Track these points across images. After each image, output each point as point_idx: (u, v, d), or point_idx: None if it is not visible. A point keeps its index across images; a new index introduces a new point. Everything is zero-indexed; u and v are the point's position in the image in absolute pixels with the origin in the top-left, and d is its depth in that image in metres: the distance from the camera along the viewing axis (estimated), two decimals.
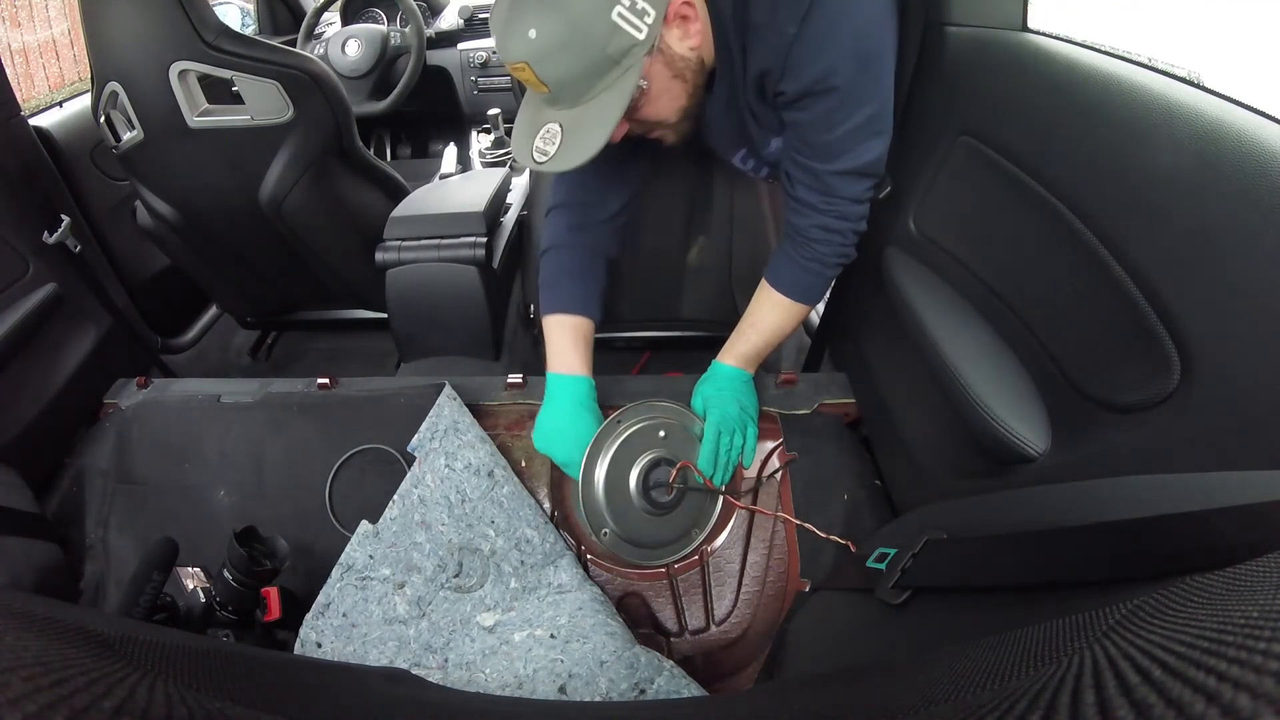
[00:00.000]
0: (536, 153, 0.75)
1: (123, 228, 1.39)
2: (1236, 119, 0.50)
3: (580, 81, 0.70)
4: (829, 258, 0.87)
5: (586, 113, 0.72)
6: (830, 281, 0.92)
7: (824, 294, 0.94)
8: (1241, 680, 0.18)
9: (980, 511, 0.62)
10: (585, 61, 0.69)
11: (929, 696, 0.34)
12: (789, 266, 0.89)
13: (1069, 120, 0.64)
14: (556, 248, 0.98)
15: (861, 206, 0.84)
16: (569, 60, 0.68)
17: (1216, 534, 0.35)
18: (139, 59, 1.06)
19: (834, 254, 0.86)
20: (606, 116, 0.72)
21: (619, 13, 0.67)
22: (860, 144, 0.78)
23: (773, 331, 0.94)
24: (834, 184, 0.81)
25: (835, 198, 0.82)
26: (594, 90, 0.71)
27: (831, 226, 0.84)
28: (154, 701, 0.26)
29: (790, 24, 0.70)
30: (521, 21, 0.67)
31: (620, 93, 0.71)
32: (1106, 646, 0.26)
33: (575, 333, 0.95)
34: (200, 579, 0.84)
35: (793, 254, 0.88)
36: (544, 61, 0.68)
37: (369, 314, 1.66)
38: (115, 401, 1.11)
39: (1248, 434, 0.49)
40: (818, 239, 0.85)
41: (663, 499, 0.91)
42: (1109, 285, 0.58)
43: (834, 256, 0.87)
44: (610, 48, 0.68)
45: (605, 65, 0.69)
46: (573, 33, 0.67)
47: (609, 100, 0.71)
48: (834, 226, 0.84)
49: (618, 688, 0.72)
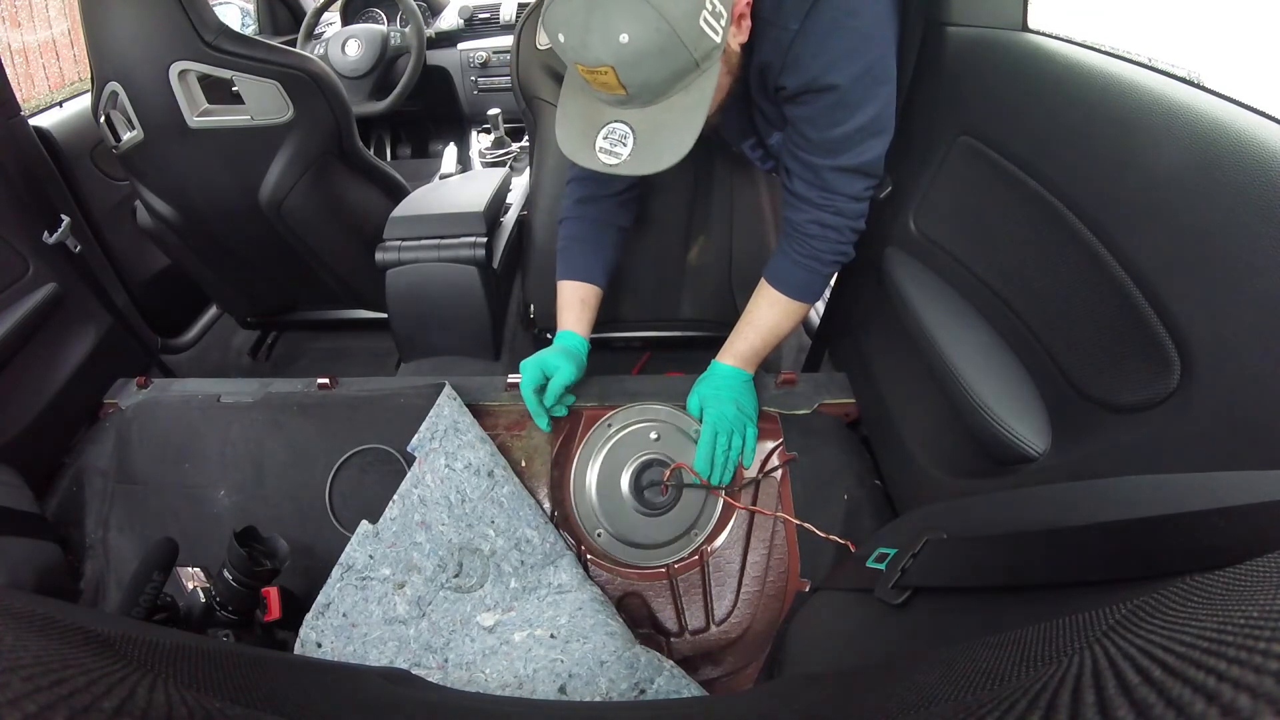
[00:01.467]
0: (604, 154, 0.74)
1: (123, 228, 1.39)
2: (1236, 119, 0.50)
3: (663, 83, 0.70)
4: (825, 254, 0.87)
5: (665, 113, 0.72)
6: (827, 280, 0.92)
7: (821, 292, 0.94)
8: (1241, 680, 0.18)
9: (980, 511, 0.62)
10: (674, 66, 0.68)
11: (929, 696, 0.34)
12: (785, 263, 0.90)
13: (1069, 120, 0.64)
14: (569, 219, 1.03)
15: (859, 205, 0.84)
16: (659, 65, 0.68)
17: (1216, 534, 0.35)
18: (139, 59, 1.06)
19: (830, 251, 0.86)
20: (692, 118, 0.72)
21: (704, 17, 0.67)
22: (860, 143, 0.78)
23: (770, 330, 0.94)
24: (832, 180, 0.81)
25: (832, 193, 0.82)
26: (672, 91, 0.71)
27: (827, 222, 0.84)
28: (154, 701, 0.26)
29: (793, 19, 0.72)
30: (610, 25, 0.65)
31: (702, 93, 0.71)
32: (1106, 646, 0.26)
33: (574, 296, 1.02)
34: (200, 579, 0.84)
35: (789, 250, 0.89)
36: (633, 66, 0.67)
37: (369, 314, 1.66)
38: (115, 401, 1.11)
39: (1248, 434, 0.49)
40: (814, 235, 0.86)
41: (657, 499, 0.93)
42: (1109, 285, 0.58)
43: (830, 254, 0.87)
44: (698, 51, 0.68)
45: (689, 68, 0.69)
46: (668, 38, 0.66)
47: (691, 101, 0.71)
48: (830, 222, 0.84)
49: (618, 688, 0.72)
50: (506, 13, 2.00)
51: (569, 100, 0.79)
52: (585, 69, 0.69)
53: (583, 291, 1.02)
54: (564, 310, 1.03)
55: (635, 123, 0.73)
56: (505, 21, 2.00)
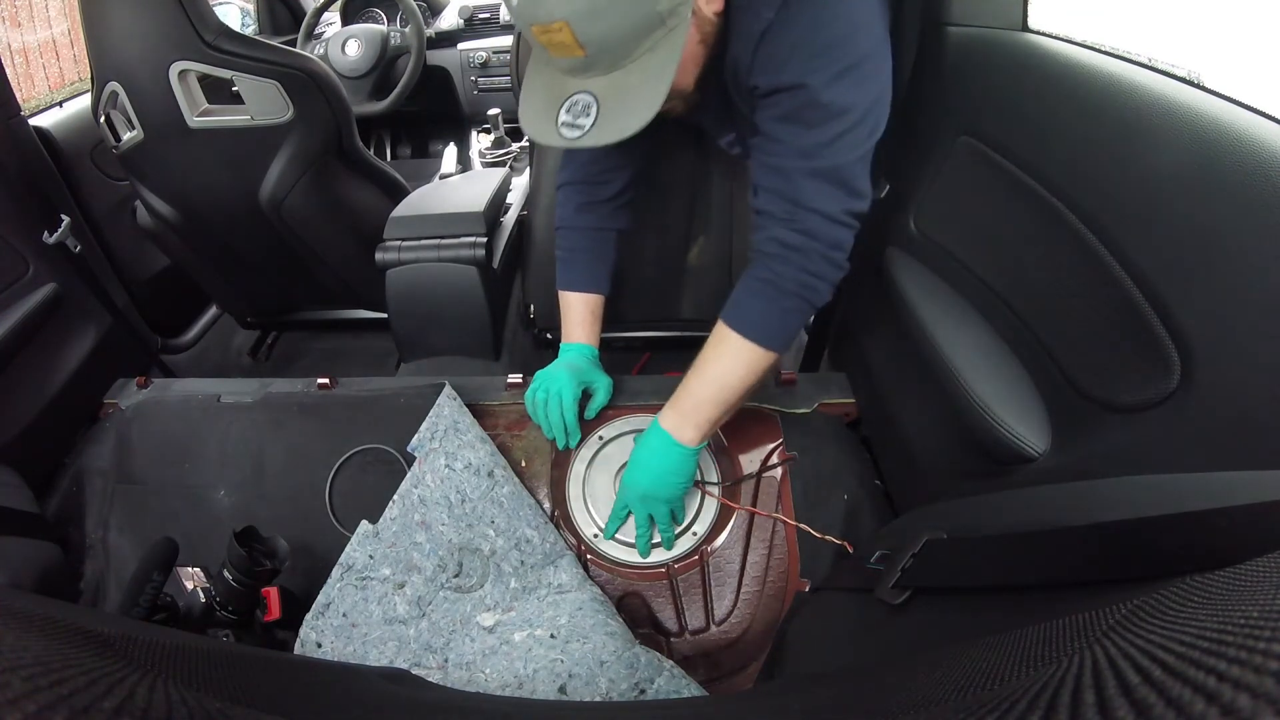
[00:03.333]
0: (565, 128, 0.68)
1: (123, 228, 1.39)
2: (1236, 119, 0.51)
3: (625, 42, 0.63)
4: (784, 280, 0.73)
5: (629, 77, 0.65)
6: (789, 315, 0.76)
7: (783, 334, 0.77)
8: (1241, 680, 0.18)
9: (980, 511, 0.62)
10: (635, 18, 0.62)
11: (929, 696, 0.34)
12: (740, 291, 0.77)
13: (1069, 120, 0.64)
14: (565, 228, 1.00)
15: (835, 229, 0.71)
16: (617, 16, 0.61)
17: (1216, 534, 0.35)
18: (139, 59, 1.07)
19: (790, 278, 0.72)
20: (657, 79, 0.64)
21: None
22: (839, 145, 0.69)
23: (715, 379, 0.79)
24: (803, 188, 0.70)
25: (801, 208, 0.70)
26: (636, 52, 0.64)
27: (789, 241, 0.71)
28: (154, 701, 0.26)
29: (768, 9, 0.65)
30: None
31: (670, 53, 0.64)
32: (1106, 646, 0.26)
33: (584, 307, 1.00)
34: (200, 579, 0.84)
35: (745, 277, 0.77)
36: (589, 19, 0.61)
37: (369, 314, 1.66)
38: (115, 401, 1.11)
39: (1248, 434, 0.49)
40: (772, 253, 0.73)
41: None
42: (1109, 285, 0.58)
43: (790, 281, 0.73)
44: (661, 3, 0.62)
45: (654, 23, 0.63)
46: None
47: (656, 61, 0.64)
48: (792, 241, 0.71)
49: (618, 688, 0.72)
50: (506, 13, 2.00)
51: (532, 76, 0.73)
52: (539, 28, 0.63)
53: (592, 302, 1.00)
54: (574, 322, 1.00)
55: (599, 91, 0.66)
56: (505, 21, 2.00)
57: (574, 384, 0.94)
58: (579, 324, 1.00)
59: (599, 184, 0.97)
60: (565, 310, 1.01)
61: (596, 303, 1.01)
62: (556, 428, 0.95)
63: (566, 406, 0.94)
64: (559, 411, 0.94)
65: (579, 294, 1.00)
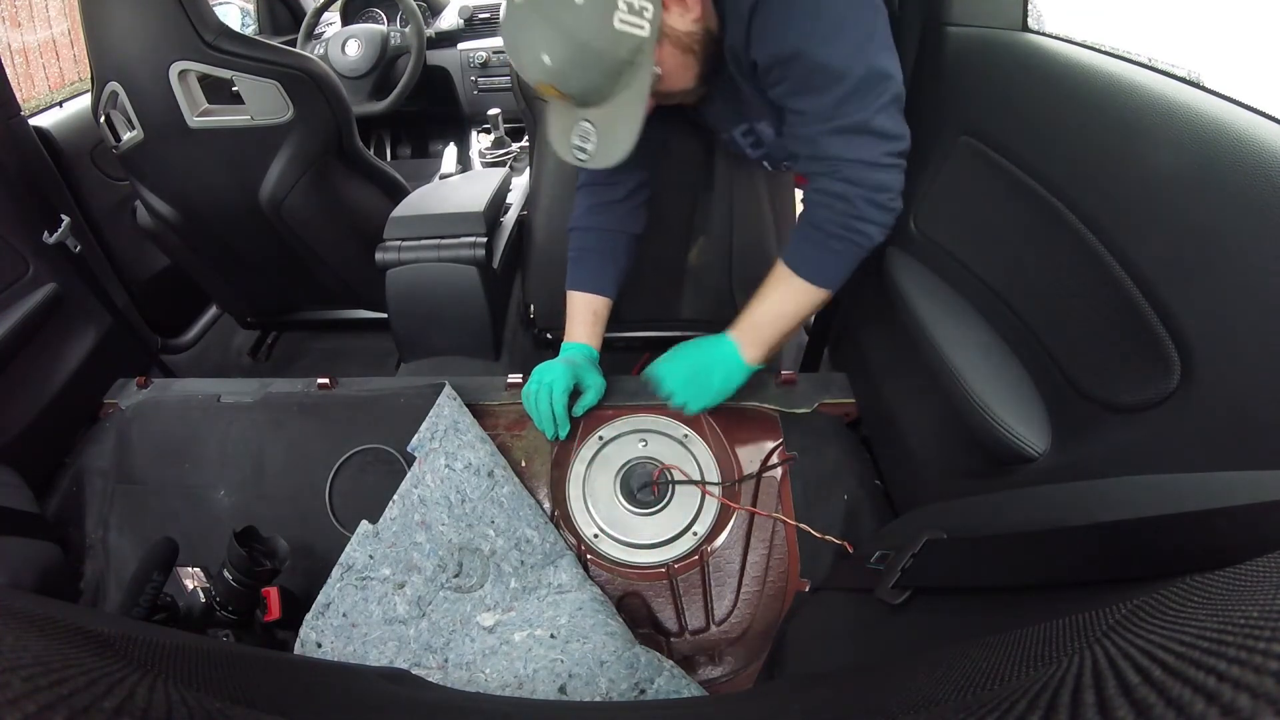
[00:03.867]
0: (577, 151, 0.80)
1: (123, 228, 1.39)
2: (1236, 119, 0.50)
3: (600, 88, 0.74)
4: (827, 224, 0.80)
5: (614, 110, 0.76)
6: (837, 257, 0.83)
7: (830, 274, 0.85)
8: (1241, 680, 0.18)
9: (980, 511, 0.62)
10: (600, 71, 0.72)
11: (929, 696, 0.34)
12: (794, 233, 0.86)
13: (1069, 120, 0.64)
14: (578, 229, 1.04)
15: (875, 172, 0.76)
16: (585, 75, 0.72)
17: (1216, 534, 0.35)
18: (139, 59, 1.07)
19: (832, 221, 0.79)
20: (631, 115, 0.76)
21: (620, 19, 0.70)
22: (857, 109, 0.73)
23: (772, 302, 0.89)
24: (830, 145, 0.76)
25: (833, 160, 0.77)
26: (615, 90, 0.75)
27: (830, 189, 0.78)
28: (154, 701, 0.26)
29: None
30: (531, 47, 0.71)
31: (639, 89, 0.74)
32: (1106, 646, 0.26)
33: (587, 308, 1.03)
34: (200, 579, 0.84)
35: (799, 220, 0.86)
36: (563, 80, 0.73)
37: (369, 314, 1.66)
38: (115, 401, 1.11)
39: (1248, 434, 0.49)
40: (815, 202, 0.81)
41: (648, 498, 0.94)
42: (1109, 285, 0.58)
43: (833, 224, 0.80)
44: (621, 52, 0.71)
45: (620, 67, 0.73)
46: (582, 51, 0.70)
47: (630, 97, 0.75)
48: (833, 189, 0.78)
49: (618, 688, 0.72)
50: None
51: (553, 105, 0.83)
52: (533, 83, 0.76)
53: (595, 303, 1.03)
54: (576, 322, 1.03)
55: (595, 120, 0.78)
56: None
57: (566, 378, 0.96)
58: (581, 324, 1.03)
59: (610, 185, 1.00)
60: (570, 309, 1.04)
61: (601, 304, 1.03)
62: (545, 418, 0.96)
63: (556, 398, 0.95)
64: (548, 402, 0.95)
65: (584, 294, 1.03)
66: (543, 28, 0.70)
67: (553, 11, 0.69)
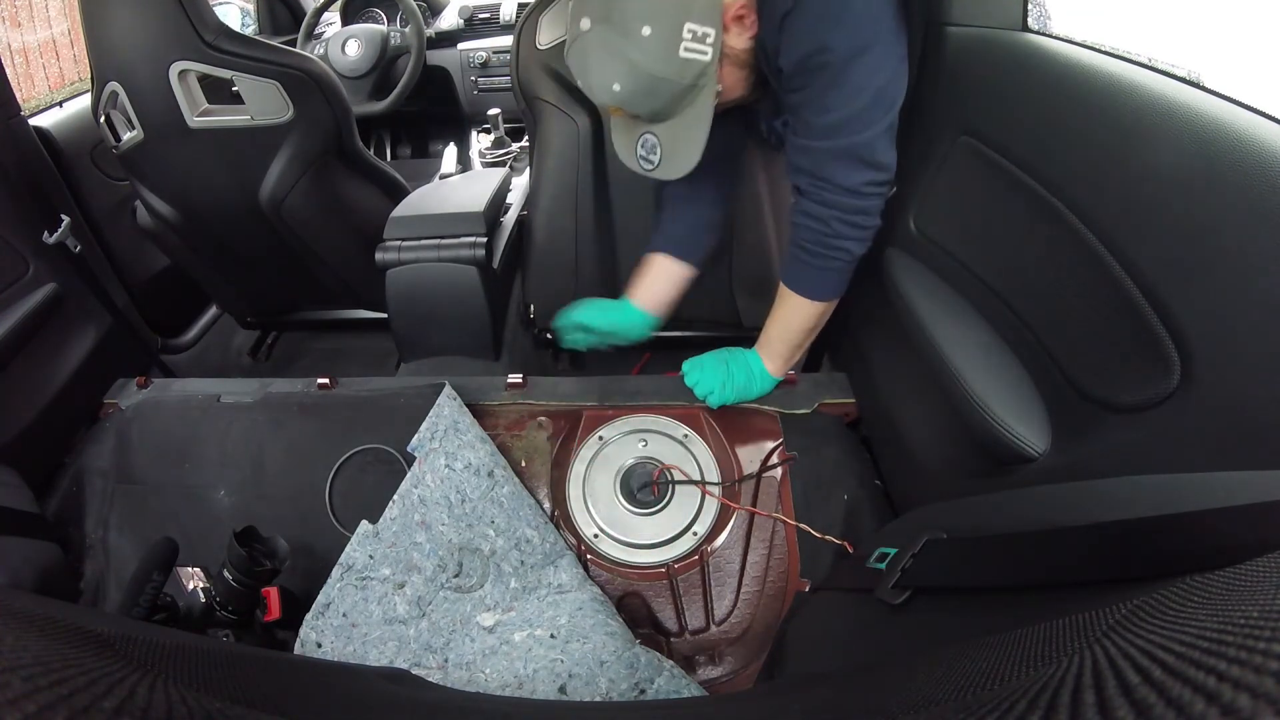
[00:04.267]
0: (642, 160, 0.86)
1: (123, 228, 1.39)
2: (1236, 119, 0.50)
3: (666, 108, 0.79)
4: (808, 244, 0.85)
5: (677, 127, 0.81)
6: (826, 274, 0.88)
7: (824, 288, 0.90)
8: (1241, 680, 0.18)
9: (980, 511, 0.62)
10: (667, 96, 0.77)
11: (929, 696, 0.34)
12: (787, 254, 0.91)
13: (1069, 120, 0.64)
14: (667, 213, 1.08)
15: (855, 199, 0.80)
16: (652, 100, 0.77)
17: (1216, 534, 0.35)
18: (139, 59, 1.06)
19: (813, 240, 0.84)
20: (696, 134, 0.80)
21: (685, 48, 0.73)
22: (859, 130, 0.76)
23: (778, 319, 0.96)
24: (826, 165, 0.79)
25: (823, 180, 0.80)
26: (679, 110, 0.79)
27: (812, 213, 0.83)
28: (154, 701, 0.26)
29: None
30: (600, 75, 0.76)
31: (703, 108, 0.79)
32: (1106, 646, 0.26)
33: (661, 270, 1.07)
34: (200, 579, 0.84)
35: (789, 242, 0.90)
36: (631, 104, 0.78)
37: (369, 314, 1.66)
38: (115, 401, 1.11)
39: (1248, 434, 0.49)
40: (798, 223, 0.86)
41: (648, 498, 0.94)
42: (1109, 285, 0.58)
43: (812, 243, 0.85)
44: (686, 78, 0.75)
45: (685, 91, 0.77)
46: (650, 80, 0.75)
47: (695, 115, 0.79)
48: (812, 211, 0.83)
49: (618, 688, 0.72)
50: (506, 13, 2.00)
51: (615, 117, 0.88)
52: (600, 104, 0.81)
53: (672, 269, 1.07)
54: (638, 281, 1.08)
55: (660, 134, 0.82)
56: (505, 21, 2.00)
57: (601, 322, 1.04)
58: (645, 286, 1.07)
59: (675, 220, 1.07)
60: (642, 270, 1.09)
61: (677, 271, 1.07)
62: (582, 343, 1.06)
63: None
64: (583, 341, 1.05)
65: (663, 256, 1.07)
66: (610, 58, 0.74)
67: (620, 44, 0.73)
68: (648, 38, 0.72)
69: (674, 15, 0.72)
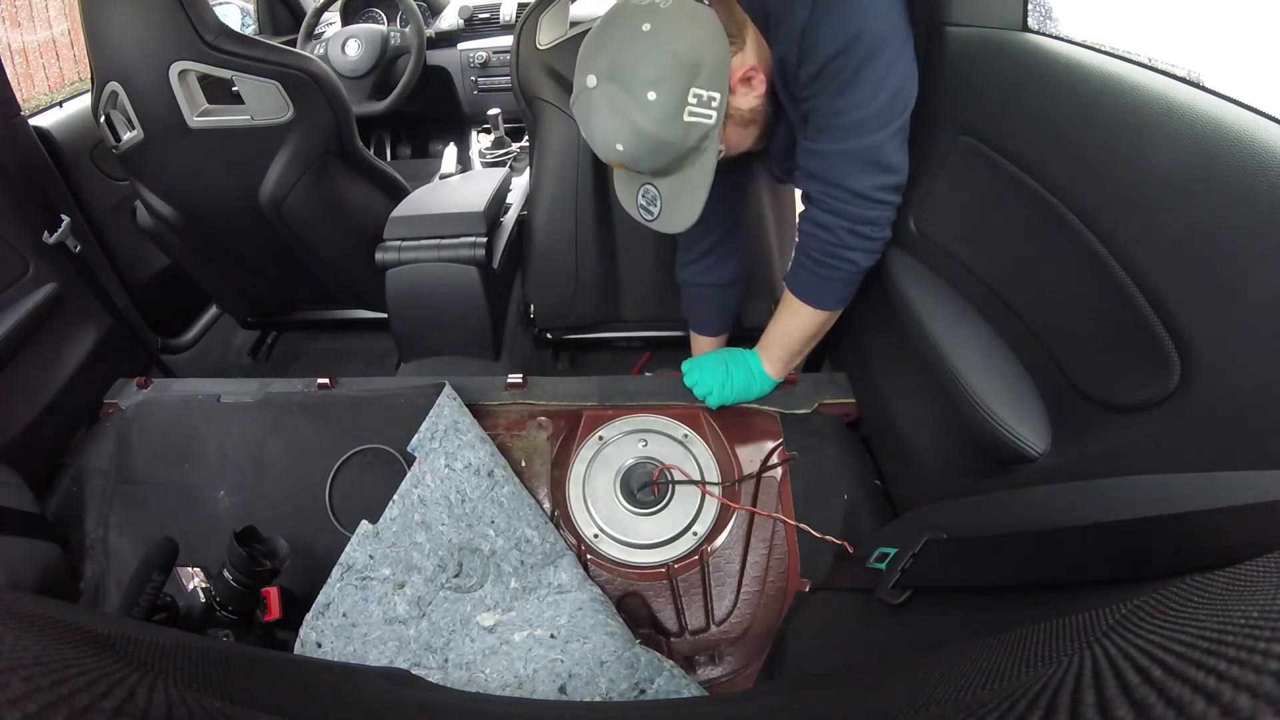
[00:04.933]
0: (642, 210, 0.86)
1: (123, 228, 1.39)
2: (1236, 119, 0.50)
3: (668, 166, 0.79)
4: (815, 252, 0.86)
5: (679, 183, 0.81)
6: (830, 283, 0.89)
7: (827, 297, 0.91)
8: (1241, 680, 0.18)
9: (980, 511, 0.62)
10: (669, 157, 0.77)
11: (929, 696, 0.34)
12: (792, 262, 0.92)
13: (1069, 120, 0.64)
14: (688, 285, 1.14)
15: (864, 206, 0.80)
16: (654, 160, 0.78)
17: (1216, 534, 0.35)
18: (139, 59, 1.06)
19: (820, 249, 0.85)
20: (696, 193, 0.81)
21: (689, 112, 0.74)
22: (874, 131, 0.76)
23: (780, 324, 0.97)
24: (838, 169, 0.79)
25: (834, 186, 0.80)
26: (681, 168, 0.80)
27: (820, 220, 0.83)
28: (154, 701, 0.26)
29: (802, 7, 0.72)
30: (604, 133, 0.76)
31: (704, 168, 0.79)
32: (1106, 646, 0.26)
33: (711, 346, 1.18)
34: (200, 579, 0.84)
35: (795, 250, 0.91)
36: (633, 162, 0.79)
37: (369, 314, 1.66)
38: (115, 401, 1.11)
39: (1248, 434, 0.49)
40: (807, 231, 0.86)
41: (648, 498, 0.94)
42: (1109, 285, 0.58)
43: (820, 253, 0.85)
44: (689, 140, 0.76)
45: (688, 153, 0.78)
46: (652, 142, 0.75)
47: (696, 175, 0.80)
48: (822, 221, 0.83)
49: (618, 688, 0.72)
50: (506, 13, 2.00)
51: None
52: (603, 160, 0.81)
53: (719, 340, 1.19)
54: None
55: (661, 188, 0.82)
56: (505, 21, 2.00)
57: None
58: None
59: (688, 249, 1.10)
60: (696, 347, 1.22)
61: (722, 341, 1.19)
62: None
63: None
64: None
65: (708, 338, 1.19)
66: (615, 118, 0.74)
67: (625, 106, 0.73)
68: (652, 102, 0.72)
69: (680, 80, 0.72)
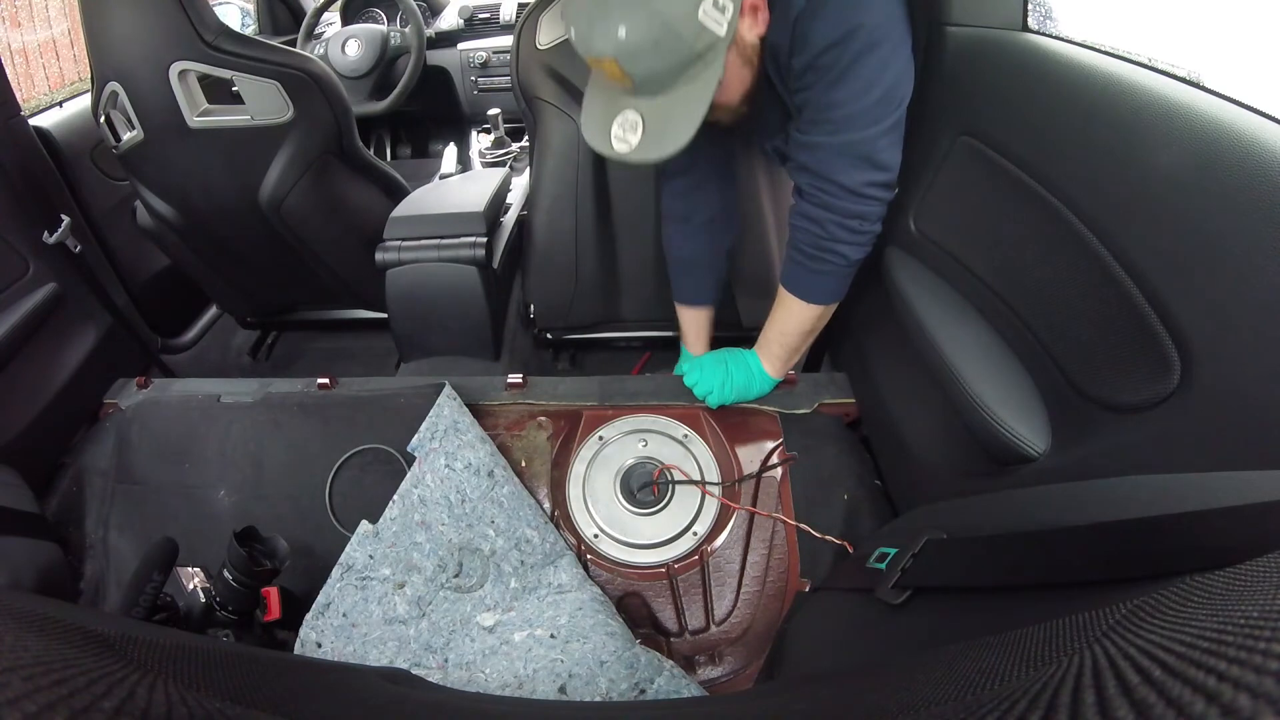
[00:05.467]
0: (616, 141, 0.77)
1: (123, 228, 1.39)
2: (1236, 119, 0.50)
3: (666, 75, 0.73)
4: (804, 246, 0.85)
5: (670, 104, 0.75)
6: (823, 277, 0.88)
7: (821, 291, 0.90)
8: (1241, 680, 0.18)
9: (980, 511, 0.62)
10: (673, 58, 0.71)
11: (929, 696, 0.34)
12: (784, 257, 0.92)
13: (1069, 120, 0.64)
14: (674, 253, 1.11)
15: (854, 201, 0.80)
16: (657, 57, 0.71)
17: (1216, 534, 0.35)
18: (139, 59, 1.06)
19: (809, 243, 0.84)
20: (693, 109, 0.74)
21: (705, 10, 0.69)
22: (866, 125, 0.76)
23: (776, 321, 0.96)
24: (829, 162, 0.78)
25: (826, 180, 0.79)
26: (677, 82, 0.73)
27: (810, 214, 0.83)
28: (154, 701, 0.26)
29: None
30: (609, 18, 0.70)
31: (705, 84, 0.74)
32: (1106, 646, 0.26)
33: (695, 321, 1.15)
34: (200, 579, 0.84)
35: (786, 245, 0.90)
36: (632, 58, 0.71)
37: (369, 314, 1.66)
38: (115, 401, 1.11)
39: (1248, 434, 0.49)
40: (797, 225, 0.85)
41: (648, 498, 0.94)
42: (1109, 285, 0.58)
43: (813, 248, 0.85)
44: (697, 44, 0.71)
45: (691, 60, 0.72)
46: (664, 32, 0.69)
47: (693, 92, 0.74)
48: (812, 215, 0.82)
49: (618, 688, 0.72)
50: (506, 13, 2.00)
51: (592, 92, 0.82)
52: (593, 59, 0.74)
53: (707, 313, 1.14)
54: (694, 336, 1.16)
55: (645, 111, 0.76)
56: (505, 21, 2.00)
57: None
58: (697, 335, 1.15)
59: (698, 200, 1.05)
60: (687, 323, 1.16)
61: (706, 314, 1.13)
62: None
63: None
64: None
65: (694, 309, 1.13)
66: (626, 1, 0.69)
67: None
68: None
69: None
